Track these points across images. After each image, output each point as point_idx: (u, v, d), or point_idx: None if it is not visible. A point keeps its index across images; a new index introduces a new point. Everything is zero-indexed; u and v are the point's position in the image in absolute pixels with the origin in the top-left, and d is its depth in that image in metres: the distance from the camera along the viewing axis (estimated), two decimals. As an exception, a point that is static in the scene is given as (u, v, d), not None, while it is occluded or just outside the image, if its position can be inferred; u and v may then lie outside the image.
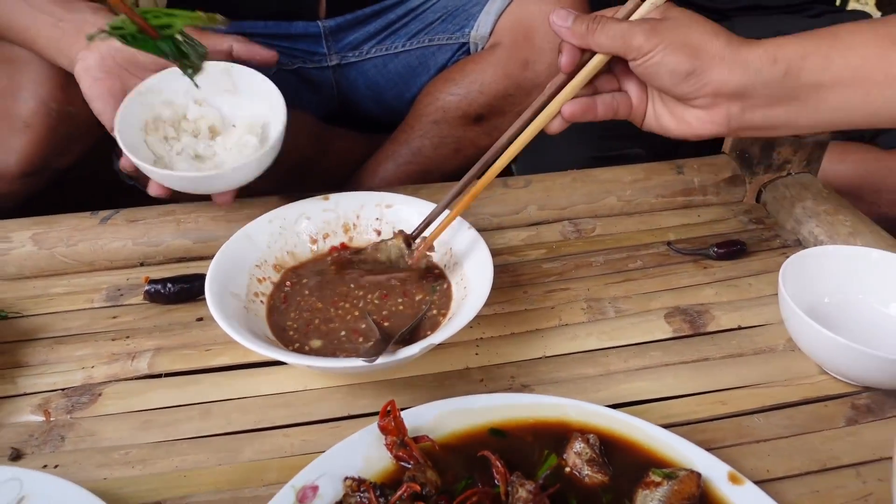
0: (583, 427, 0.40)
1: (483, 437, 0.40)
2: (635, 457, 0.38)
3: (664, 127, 0.50)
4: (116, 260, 0.59)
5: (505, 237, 0.63)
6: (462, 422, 0.40)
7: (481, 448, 0.38)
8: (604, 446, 0.39)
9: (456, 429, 0.40)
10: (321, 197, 0.58)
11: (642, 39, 0.43)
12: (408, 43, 1.04)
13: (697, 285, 0.57)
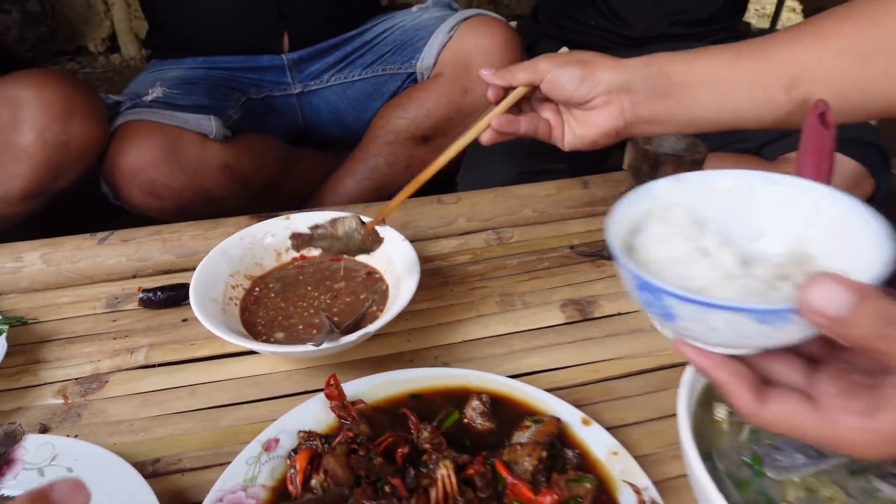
0: (479, 390, 0.52)
1: (405, 400, 0.52)
2: (517, 410, 0.51)
3: (578, 136, 0.59)
4: (113, 273, 0.71)
5: (438, 245, 0.76)
6: (389, 390, 0.53)
7: (402, 408, 0.50)
8: (494, 404, 0.51)
9: (385, 395, 0.52)
10: (283, 216, 0.70)
11: (545, 63, 0.56)
12: (363, 72, 1.17)
13: (591, 281, 0.70)
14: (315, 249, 0.60)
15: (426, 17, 1.14)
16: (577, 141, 0.60)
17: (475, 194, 0.82)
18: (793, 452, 0.41)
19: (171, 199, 0.95)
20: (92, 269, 0.70)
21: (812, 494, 0.39)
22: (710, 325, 0.31)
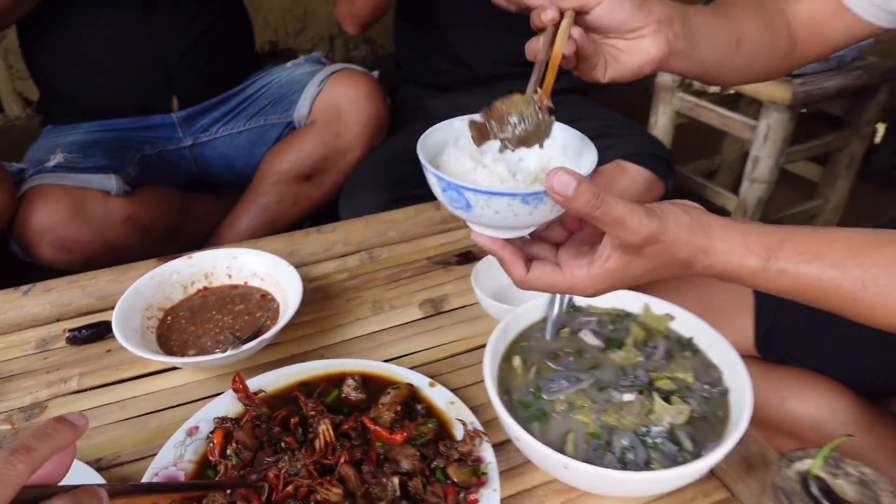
0: (353, 372, 0.69)
1: (296, 387, 0.68)
2: (382, 384, 0.68)
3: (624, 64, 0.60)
4: (39, 319, 0.82)
5: (320, 268, 0.92)
6: (283, 381, 0.68)
7: (294, 392, 0.66)
8: (365, 382, 0.68)
9: (280, 385, 0.68)
10: (186, 256, 0.84)
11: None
12: (248, 122, 1.31)
13: (443, 283, 0.88)
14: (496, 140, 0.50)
15: (299, 72, 1.30)
16: (623, 69, 0.60)
17: (349, 223, 0.98)
18: (560, 380, 0.61)
19: (81, 252, 1.05)
20: (19, 318, 0.81)
21: (571, 406, 0.58)
22: (494, 209, 0.47)
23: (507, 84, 1.34)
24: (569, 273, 0.50)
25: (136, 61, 1.18)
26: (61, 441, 0.37)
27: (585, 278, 0.50)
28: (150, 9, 1.15)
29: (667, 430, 0.56)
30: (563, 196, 0.43)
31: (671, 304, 0.68)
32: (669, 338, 0.66)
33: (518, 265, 0.51)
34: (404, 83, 1.45)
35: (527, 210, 0.47)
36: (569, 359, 0.64)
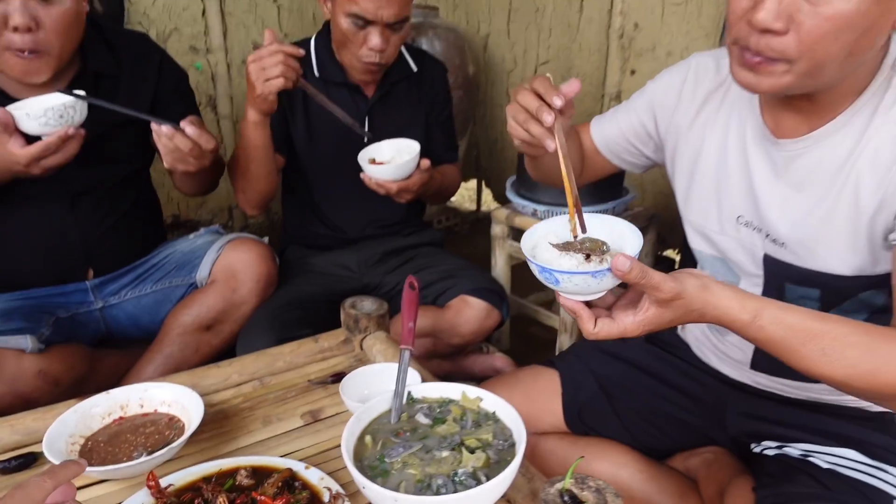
0: (245, 466, 0.88)
1: (199, 481, 0.86)
2: (268, 472, 0.87)
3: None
4: (-31, 457, 0.95)
5: (219, 395, 1.11)
6: (189, 477, 0.86)
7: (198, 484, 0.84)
8: (255, 471, 0.87)
9: (186, 481, 0.85)
10: (105, 393, 1.01)
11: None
12: (154, 286, 1.52)
13: (321, 398, 1.10)
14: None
15: (200, 241, 1.55)
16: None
17: (244, 357, 1.19)
18: (398, 448, 0.83)
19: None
20: (-49, 458, 0.94)
21: (405, 464, 0.81)
22: (574, 283, 0.71)
23: (373, 241, 1.66)
24: (620, 322, 0.74)
25: (59, 245, 1.37)
26: (71, 472, 0.58)
27: (632, 324, 0.74)
28: (76, 203, 1.38)
29: (471, 472, 0.79)
30: (622, 272, 0.68)
31: (481, 390, 0.94)
32: (479, 413, 0.91)
33: (590, 322, 0.74)
34: (290, 245, 1.73)
35: (596, 282, 0.72)
36: (406, 434, 0.87)
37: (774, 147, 0.91)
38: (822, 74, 0.77)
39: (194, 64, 2.47)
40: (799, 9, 0.72)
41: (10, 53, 1.16)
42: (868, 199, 0.83)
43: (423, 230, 1.77)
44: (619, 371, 1.16)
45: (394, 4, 1.40)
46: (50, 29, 1.17)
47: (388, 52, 1.47)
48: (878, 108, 0.82)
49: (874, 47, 0.76)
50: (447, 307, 1.49)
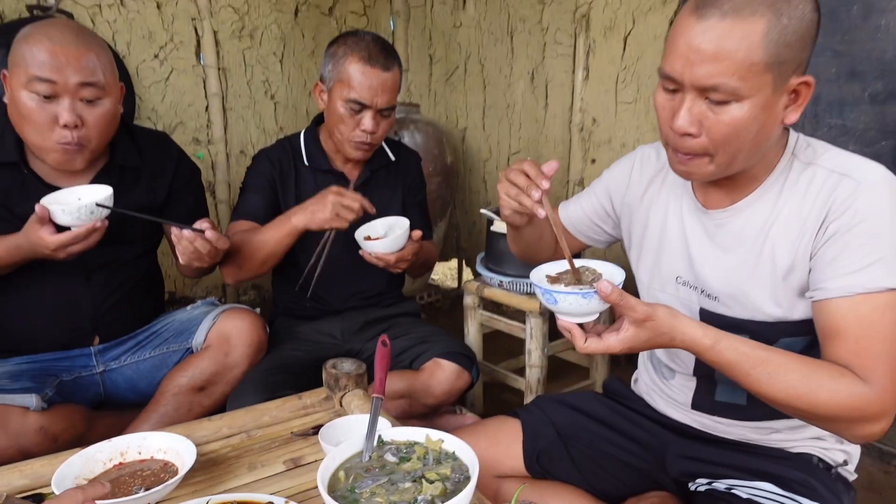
0: (230, 502, 0.98)
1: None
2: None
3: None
4: (-18, 498, 1.04)
5: (210, 446, 1.21)
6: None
7: (189, 515, 0.94)
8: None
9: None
10: (107, 441, 1.12)
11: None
12: (153, 351, 1.64)
13: (303, 448, 1.21)
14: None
15: (197, 312, 1.68)
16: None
17: (233, 412, 1.31)
18: (368, 481, 0.95)
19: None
20: (-34, 498, 1.03)
21: (373, 494, 0.92)
22: (569, 301, 0.90)
23: (355, 311, 1.80)
24: (605, 340, 0.92)
25: (71, 315, 1.51)
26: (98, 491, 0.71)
27: (615, 342, 0.92)
28: (90, 277, 1.53)
29: (429, 499, 0.91)
30: (605, 293, 0.87)
31: (443, 433, 1.06)
32: (440, 452, 1.03)
33: (581, 338, 0.93)
34: (279, 316, 1.87)
35: (586, 302, 0.91)
36: (375, 470, 0.99)
37: (705, 216, 1.10)
38: (736, 162, 0.97)
39: (196, 154, 2.69)
40: (706, 116, 0.93)
41: (56, 146, 1.35)
42: (782, 260, 1.01)
43: (402, 301, 1.92)
44: (576, 420, 1.28)
45: (386, 93, 1.63)
46: (92, 126, 1.38)
47: (378, 134, 1.68)
48: (784, 185, 1.02)
49: (771, 138, 0.97)
50: (421, 370, 1.62)
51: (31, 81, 1.31)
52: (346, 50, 1.64)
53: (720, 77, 0.88)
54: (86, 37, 1.39)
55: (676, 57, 0.91)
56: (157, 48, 2.56)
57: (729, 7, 0.87)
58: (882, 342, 0.91)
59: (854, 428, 0.93)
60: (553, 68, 2.60)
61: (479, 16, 2.89)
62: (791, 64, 0.90)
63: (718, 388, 1.14)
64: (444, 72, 3.14)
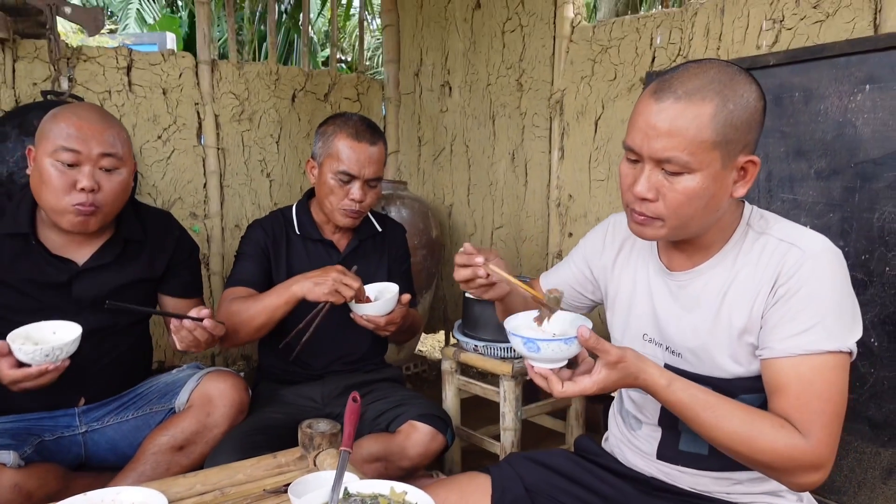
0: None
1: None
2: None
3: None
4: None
5: (184, 502, 1.23)
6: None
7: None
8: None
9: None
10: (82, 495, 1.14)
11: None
12: (136, 413, 1.67)
13: (274, 503, 1.23)
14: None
15: (182, 374, 1.72)
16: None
17: (208, 470, 1.33)
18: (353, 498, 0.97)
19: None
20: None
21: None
22: (551, 348, 0.98)
23: (337, 376, 1.84)
24: (580, 383, 0.99)
25: (59, 377, 1.55)
26: None
27: (589, 383, 0.99)
28: (85, 339, 1.56)
29: (389, 545, 0.93)
30: (584, 337, 0.96)
31: (407, 485, 1.09)
32: (403, 503, 1.06)
33: (558, 383, 0.99)
34: (262, 381, 1.91)
35: (566, 347, 0.98)
36: (340, 520, 1.01)
37: (669, 278, 1.18)
38: (689, 227, 1.07)
39: (192, 227, 2.79)
40: (662, 184, 1.03)
41: (72, 209, 1.45)
42: (738, 321, 1.08)
43: (384, 368, 1.96)
44: (544, 477, 1.30)
45: (372, 165, 1.77)
46: (108, 192, 1.50)
47: (366, 203, 1.79)
48: (740, 252, 1.11)
49: (720, 209, 1.07)
50: (397, 432, 1.64)
51: (56, 151, 1.45)
52: (335, 128, 1.78)
53: (673, 151, 0.99)
54: (108, 116, 1.56)
55: (637, 132, 1.03)
56: (160, 130, 2.71)
57: (682, 92, 0.99)
58: (818, 399, 0.99)
59: (792, 476, 0.98)
60: (531, 149, 2.75)
61: (463, 102, 3.09)
62: (737, 144, 1.00)
63: (682, 438, 1.19)
64: (431, 152, 3.31)
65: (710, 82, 0.99)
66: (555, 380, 0.99)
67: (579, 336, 0.96)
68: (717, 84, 0.99)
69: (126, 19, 9.32)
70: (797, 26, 1.85)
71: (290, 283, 1.65)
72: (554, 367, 1.01)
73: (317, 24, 9.06)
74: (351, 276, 1.61)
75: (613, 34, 2.40)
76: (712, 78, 0.99)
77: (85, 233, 1.53)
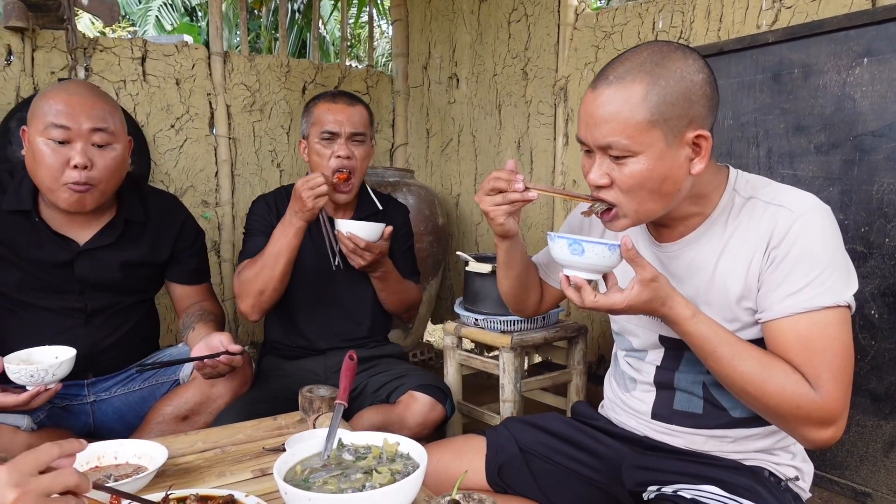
0: (193, 494, 1.02)
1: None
2: (213, 499, 1.02)
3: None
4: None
5: (186, 458, 1.26)
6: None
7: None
8: (201, 498, 1.01)
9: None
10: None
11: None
12: (142, 384, 1.70)
13: (271, 461, 1.25)
14: None
15: (186, 348, 1.76)
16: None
17: (209, 429, 1.36)
18: (322, 473, 0.99)
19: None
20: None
21: (325, 483, 0.96)
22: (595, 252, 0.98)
23: (339, 352, 1.86)
24: (611, 297, 0.99)
25: None
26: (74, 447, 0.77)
27: (620, 298, 0.98)
28: (90, 320, 1.62)
29: (377, 486, 0.95)
30: (627, 247, 0.96)
31: (401, 437, 1.10)
32: (395, 453, 1.07)
33: (591, 293, 1.00)
34: (267, 355, 1.94)
35: (610, 254, 0.99)
36: (331, 466, 1.03)
37: (659, 249, 1.18)
38: (651, 210, 1.06)
39: (203, 214, 2.84)
40: (613, 170, 1.04)
41: (66, 187, 1.47)
42: (734, 287, 1.08)
43: (386, 345, 1.98)
44: (539, 438, 1.31)
45: (353, 120, 1.79)
46: (101, 168, 1.49)
47: (355, 162, 1.80)
48: (728, 218, 1.10)
49: (680, 187, 1.05)
50: (397, 402, 1.66)
51: (47, 128, 1.45)
52: (315, 101, 1.85)
53: (611, 136, 1.01)
54: (98, 91, 1.55)
55: (581, 123, 1.06)
56: (173, 119, 2.77)
57: (613, 77, 1.01)
58: (823, 354, 0.98)
59: (803, 428, 0.98)
60: (537, 136, 2.77)
61: (470, 93, 3.11)
62: (679, 120, 0.99)
63: (676, 397, 1.19)
64: (439, 144, 3.34)
65: (640, 64, 1.00)
66: (588, 290, 1.00)
67: (622, 244, 0.96)
68: (648, 64, 0.99)
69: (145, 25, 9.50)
70: (796, 4, 1.85)
71: (283, 222, 1.70)
72: (590, 277, 1.02)
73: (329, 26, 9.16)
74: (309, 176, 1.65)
75: (616, 20, 2.41)
76: (643, 59, 1.00)
77: (82, 211, 1.53)
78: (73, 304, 1.60)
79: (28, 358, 1.42)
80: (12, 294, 1.57)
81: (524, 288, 1.38)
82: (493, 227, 1.21)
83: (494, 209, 1.16)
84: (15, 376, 1.36)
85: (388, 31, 9.17)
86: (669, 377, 1.18)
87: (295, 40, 8.07)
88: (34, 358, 1.43)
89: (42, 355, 1.44)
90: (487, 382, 2.57)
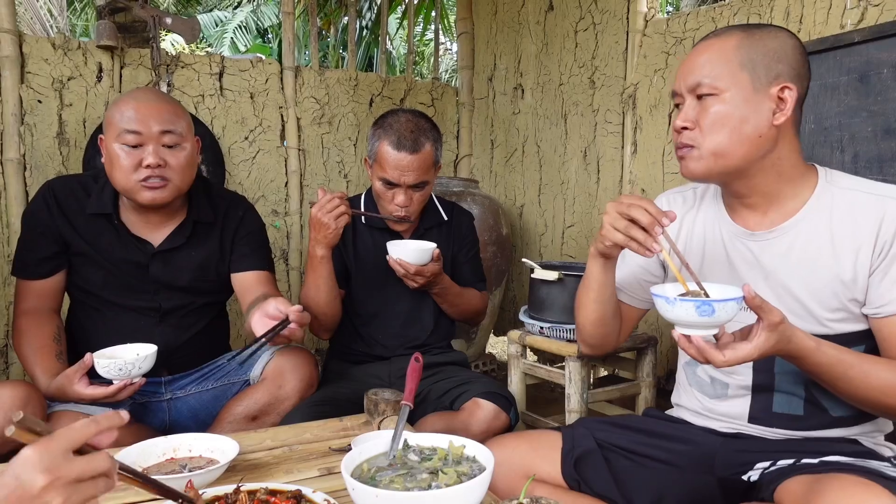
0: (263, 489, 1.05)
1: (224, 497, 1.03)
2: (282, 493, 1.04)
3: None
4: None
5: (255, 455, 1.29)
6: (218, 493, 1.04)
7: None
8: (271, 492, 1.04)
9: (212, 495, 1.03)
10: (164, 437, 1.23)
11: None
12: (215, 383, 1.76)
13: (337, 460, 1.26)
14: None
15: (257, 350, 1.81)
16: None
17: (277, 427, 1.39)
18: (388, 472, 0.99)
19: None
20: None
21: (392, 482, 0.97)
22: (725, 309, 0.93)
23: (404, 358, 1.88)
24: (740, 349, 0.95)
25: None
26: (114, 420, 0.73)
27: (750, 348, 0.95)
28: (164, 319, 1.70)
29: (443, 487, 0.94)
30: (751, 296, 0.92)
31: (466, 440, 1.09)
32: (461, 455, 1.07)
33: (719, 353, 0.95)
34: (333, 359, 1.97)
35: (736, 307, 0.94)
36: (397, 466, 1.04)
37: (750, 237, 1.16)
38: (727, 156, 1.08)
39: (274, 223, 2.94)
40: (698, 114, 1.09)
41: (143, 185, 1.56)
42: (842, 276, 1.06)
43: (450, 352, 1.98)
44: (618, 434, 1.27)
45: (413, 172, 1.76)
46: (174, 166, 1.59)
47: (413, 207, 1.81)
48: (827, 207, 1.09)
49: (762, 136, 1.06)
50: (461, 409, 1.65)
51: (120, 135, 1.55)
52: (380, 133, 1.80)
53: (700, 74, 1.09)
54: (165, 96, 1.66)
55: (678, 77, 1.14)
56: (247, 131, 2.89)
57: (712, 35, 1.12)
58: None
59: None
60: (604, 145, 2.73)
61: (535, 103, 3.10)
62: (767, 69, 1.06)
63: (776, 399, 1.15)
64: (504, 155, 3.34)
65: (736, 28, 1.11)
66: (713, 350, 0.95)
67: (745, 294, 0.92)
68: (744, 26, 1.11)
69: (221, 47, 10.00)
70: (885, 2, 1.75)
71: (310, 258, 1.75)
72: (710, 333, 0.97)
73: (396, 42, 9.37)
74: (324, 198, 1.65)
75: (688, 25, 2.35)
76: (739, 26, 1.12)
77: (161, 205, 1.61)
78: (148, 304, 1.68)
79: (112, 354, 1.50)
80: (98, 293, 1.67)
81: (611, 314, 1.30)
82: (600, 241, 1.14)
83: (614, 233, 1.09)
84: (104, 370, 1.44)
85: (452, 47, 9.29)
86: (768, 381, 1.15)
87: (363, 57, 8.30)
88: (117, 354, 1.51)
89: (124, 352, 1.52)
90: (551, 395, 2.54)
